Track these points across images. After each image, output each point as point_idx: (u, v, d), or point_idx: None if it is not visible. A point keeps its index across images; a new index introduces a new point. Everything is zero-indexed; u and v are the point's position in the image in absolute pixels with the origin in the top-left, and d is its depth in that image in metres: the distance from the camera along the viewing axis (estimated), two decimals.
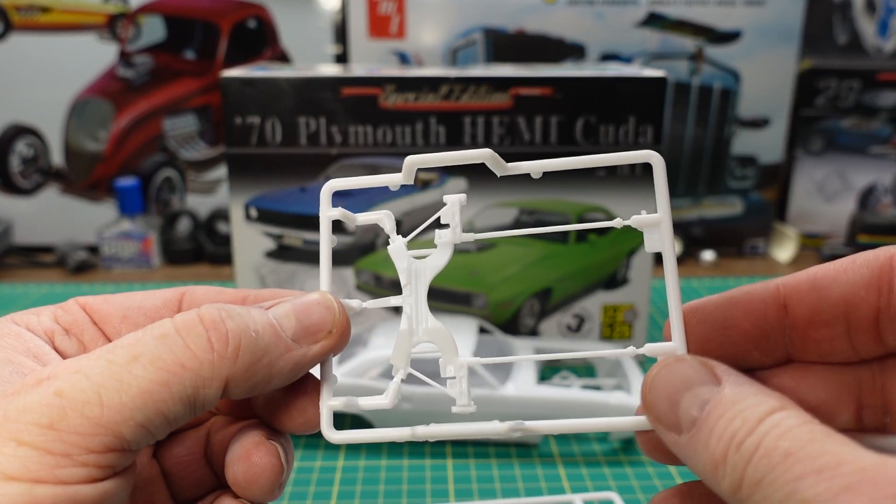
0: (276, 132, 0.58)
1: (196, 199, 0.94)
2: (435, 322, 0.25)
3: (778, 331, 0.23)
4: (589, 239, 0.61)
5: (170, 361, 0.21)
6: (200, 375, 0.21)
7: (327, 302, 0.24)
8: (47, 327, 0.25)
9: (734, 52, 0.86)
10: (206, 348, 0.21)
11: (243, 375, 0.22)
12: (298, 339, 0.23)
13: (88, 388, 0.20)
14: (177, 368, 0.21)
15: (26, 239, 0.93)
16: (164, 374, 0.21)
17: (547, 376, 0.59)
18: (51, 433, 0.19)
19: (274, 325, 0.23)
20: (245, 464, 0.24)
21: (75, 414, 0.19)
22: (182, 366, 0.21)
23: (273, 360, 0.23)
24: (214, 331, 0.22)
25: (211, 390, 0.22)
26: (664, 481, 0.48)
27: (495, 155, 0.24)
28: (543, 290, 0.62)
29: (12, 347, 0.23)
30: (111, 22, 0.89)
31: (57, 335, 0.25)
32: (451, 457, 0.51)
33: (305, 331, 0.24)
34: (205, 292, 0.27)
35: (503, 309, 0.61)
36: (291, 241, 0.61)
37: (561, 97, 0.57)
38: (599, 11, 0.85)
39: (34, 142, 0.92)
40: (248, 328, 0.22)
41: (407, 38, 0.86)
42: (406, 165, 0.25)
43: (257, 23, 0.90)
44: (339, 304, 0.25)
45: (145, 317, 0.26)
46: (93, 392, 0.20)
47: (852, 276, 0.22)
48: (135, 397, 0.20)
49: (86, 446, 0.19)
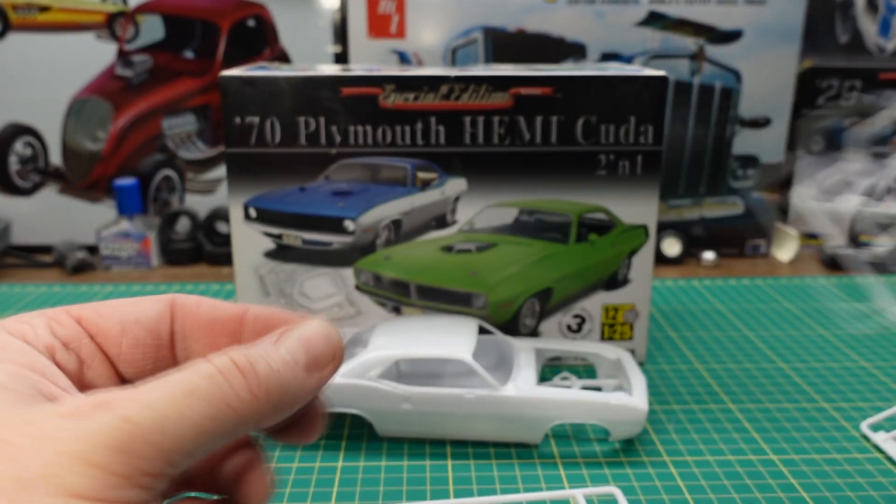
0: (276, 132, 0.57)
1: (195, 199, 0.94)
2: None
3: None
4: (589, 239, 0.61)
5: (219, 399, 0.23)
6: (242, 414, 0.23)
7: (327, 330, 0.27)
8: (46, 341, 0.25)
9: (735, 52, 0.86)
10: (245, 389, 0.23)
11: (274, 413, 0.24)
12: (310, 370, 0.26)
13: (154, 417, 0.21)
14: (224, 407, 0.23)
15: (24, 239, 0.93)
16: (214, 410, 0.22)
17: (547, 377, 0.59)
18: (120, 456, 0.20)
19: (289, 361, 0.25)
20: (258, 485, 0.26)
21: (141, 440, 0.21)
22: (228, 405, 0.23)
23: (295, 394, 0.25)
24: (249, 375, 0.24)
25: (247, 427, 0.24)
26: (665, 482, 0.48)
27: None
28: (544, 290, 0.61)
29: (19, 362, 0.24)
30: (110, 21, 0.89)
31: (57, 350, 0.26)
32: (451, 457, 0.51)
33: (314, 361, 0.26)
34: (196, 305, 0.28)
35: (503, 309, 0.61)
36: (291, 240, 0.60)
37: (561, 97, 0.57)
38: (600, 11, 0.84)
39: (32, 141, 0.92)
40: (272, 370, 0.24)
41: (407, 38, 0.85)
42: None
43: (257, 22, 0.90)
44: (337, 331, 0.27)
45: (145, 331, 0.28)
46: (157, 421, 0.21)
47: None
48: (191, 429, 0.22)
49: (145, 470, 0.21)
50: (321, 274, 0.61)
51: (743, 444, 0.52)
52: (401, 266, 0.60)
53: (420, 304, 0.62)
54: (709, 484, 0.48)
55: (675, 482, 0.48)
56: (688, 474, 0.49)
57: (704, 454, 0.51)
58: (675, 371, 0.63)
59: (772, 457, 0.50)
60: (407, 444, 0.52)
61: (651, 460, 0.50)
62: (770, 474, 0.49)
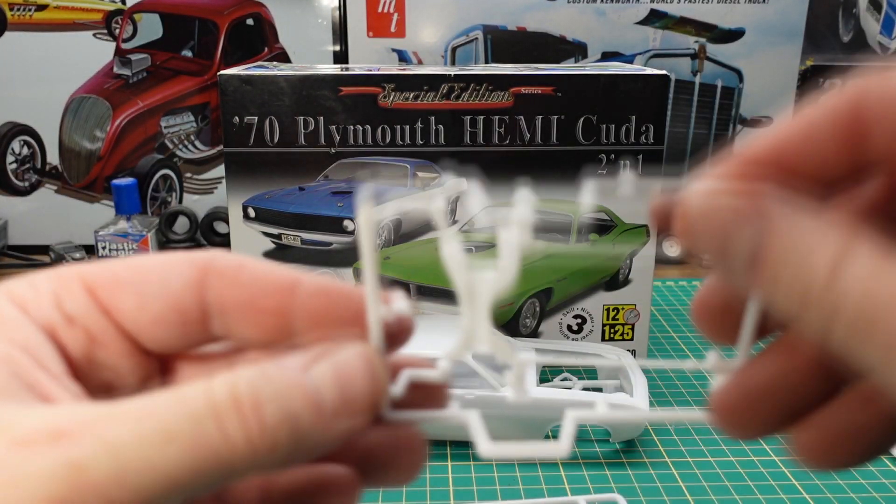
0: (275, 131, 0.57)
1: (194, 199, 0.94)
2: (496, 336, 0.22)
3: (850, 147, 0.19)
4: (590, 239, 0.60)
5: (205, 448, 0.19)
6: (233, 467, 0.19)
7: (372, 366, 0.21)
8: (47, 317, 0.22)
9: (737, 50, 0.86)
10: (243, 440, 0.19)
11: (281, 465, 0.20)
12: (339, 415, 0.20)
13: (113, 467, 0.18)
14: (211, 457, 0.19)
15: (22, 239, 0.93)
16: (196, 462, 0.18)
17: (548, 377, 0.59)
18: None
19: (315, 401, 0.20)
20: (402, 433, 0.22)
21: (93, 493, 0.17)
22: (216, 456, 0.19)
23: (312, 445, 0.20)
24: (254, 420, 0.19)
25: (240, 479, 0.20)
26: (666, 483, 0.47)
27: None
28: (544, 290, 0.61)
29: (9, 339, 0.21)
30: (107, 19, 0.88)
31: (59, 327, 0.22)
32: (451, 458, 0.50)
33: (346, 405, 0.21)
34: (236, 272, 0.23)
35: (503, 309, 0.61)
36: (290, 240, 0.60)
37: (562, 96, 0.57)
38: (601, 9, 0.84)
39: (30, 141, 0.91)
40: (288, 414, 0.20)
41: (406, 37, 0.85)
42: None
43: (256, 21, 0.90)
44: (383, 366, 0.22)
45: (167, 307, 0.23)
46: (117, 472, 0.18)
47: None
48: (160, 482, 0.18)
49: None
50: (321, 274, 0.61)
51: (744, 444, 0.52)
52: (401, 266, 0.60)
53: (420, 304, 0.61)
54: (710, 485, 0.47)
55: (677, 483, 0.47)
56: (689, 475, 0.48)
57: (706, 455, 0.51)
58: (675, 371, 0.63)
59: (773, 458, 0.50)
60: None
61: (652, 461, 0.50)
62: (772, 475, 0.48)
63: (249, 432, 0.19)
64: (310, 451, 0.20)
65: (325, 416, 0.20)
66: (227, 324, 0.23)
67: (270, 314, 0.22)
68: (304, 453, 0.20)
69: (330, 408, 0.20)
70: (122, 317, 0.23)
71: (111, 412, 0.19)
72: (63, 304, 0.22)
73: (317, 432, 0.20)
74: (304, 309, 0.22)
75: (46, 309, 0.22)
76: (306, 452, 0.20)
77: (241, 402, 0.19)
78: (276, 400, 0.19)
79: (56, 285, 0.22)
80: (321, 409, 0.20)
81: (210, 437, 0.19)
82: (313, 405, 0.20)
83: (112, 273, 0.23)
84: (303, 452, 0.20)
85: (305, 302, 0.22)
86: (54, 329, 0.22)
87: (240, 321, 0.23)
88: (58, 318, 0.22)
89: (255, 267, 0.23)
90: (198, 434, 0.18)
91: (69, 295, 0.22)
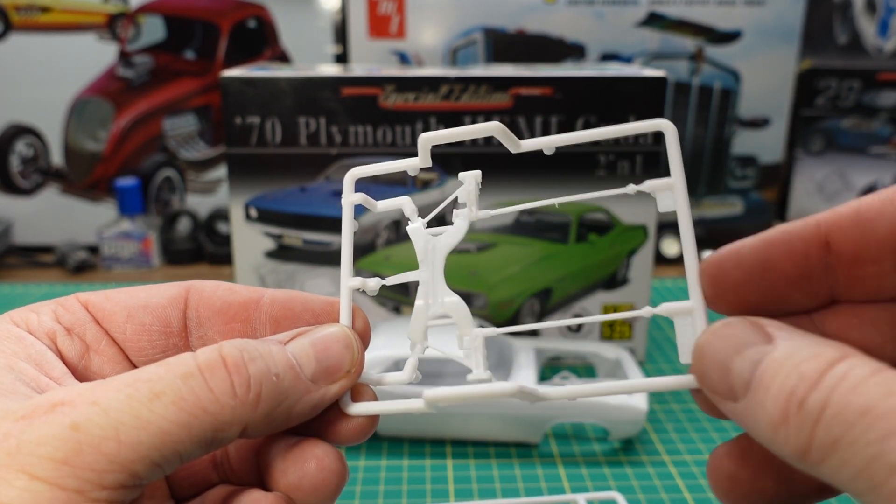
0: (276, 132, 0.58)
1: (196, 199, 0.94)
2: (451, 295, 0.25)
3: (820, 270, 0.22)
4: (589, 239, 0.61)
5: (192, 403, 0.20)
6: (221, 420, 0.21)
7: (346, 339, 0.24)
8: (48, 328, 0.24)
9: (734, 52, 0.86)
10: (228, 393, 0.21)
11: (263, 420, 0.22)
12: (317, 380, 0.23)
13: (106, 424, 0.19)
14: (198, 411, 0.20)
15: (26, 239, 0.93)
16: (184, 415, 0.20)
17: (547, 376, 0.59)
18: (65, 468, 0.19)
19: (294, 366, 0.22)
20: (312, 467, 0.23)
21: (91, 450, 0.19)
22: (204, 409, 0.20)
23: (292, 403, 0.22)
24: (237, 375, 0.21)
25: (229, 434, 0.21)
26: (664, 481, 0.48)
27: (506, 129, 0.24)
28: (543, 290, 0.62)
29: (13, 353, 0.22)
30: (111, 22, 0.89)
31: (59, 336, 0.24)
32: (451, 457, 0.51)
33: (324, 371, 0.23)
34: (213, 290, 0.26)
35: (503, 309, 0.61)
36: (291, 241, 0.61)
37: (561, 97, 0.57)
38: (599, 11, 0.84)
39: (34, 142, 0.92)
40: (270, 372, 0.22)
41: (407, 38, 0.86)
42: (420, 144, 0.25)
43: (257, 23, 0.90)
44: (358, 342, 0.24)
45: (151, 316, 0.25)
46: (111, 428, 0.19)
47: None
48: (153, 436, 0.20)
49: (99, 483, 0.19)
50: (322, 274, 0.61)
51: None
52: (401, 266, 0.61)
53: None
54: (708, 483, 0.48)
55: (675, 481, 0.48)
56: (687, 473, 0.49)
57: (703, 453, 0.51)
58: (674, 371, 0.63)
59: None
60: (407, 443, 0.52)
61: (650, 459, 0.50)
62: None
63: (235, 385, 0.21)
64: (289, 409, 0.22)
65: (302, 380, 0.22)
66: (202, 336, 0.26)
67: (238, 321, 0.25)
68: (284, 412, 0.22)
69: (309, 373, 0.23)
70: (113, 327, 0.25)
71: (103, 383, 0.21)
72: (61, 318, 0.25)
73: (296, 392, 0.22)
74: (267, 314, 0.25)
75: (46, 323, 0.24)
76: (286, 411, 0.22)
77: (229, 359, 0.21)
78: (259, 358, 0.22)
79: (55, 305, 0.25)
80: (299, 374, 0.22)
81: (195, 391, 0.20)
82: (291, 370, 0.22)
83: (104, 293, 0.26)
84: (283, 411, 0.22)
85: (268, 309, 0.25)
86: (55, 338, 0.24)
87: (212, 330, 0.26)
88: (58, 329, 0.24)
89: (228, 286, 0.26)
90: (185, 390, 0.20)
91: (66, 309, 0.25)
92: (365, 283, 0.26)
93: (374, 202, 0.27)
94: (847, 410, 0.16)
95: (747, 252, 0.22)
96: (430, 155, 0.25)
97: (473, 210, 0.25)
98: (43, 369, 0.23)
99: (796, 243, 0.21)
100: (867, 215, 0.21)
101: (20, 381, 0.21)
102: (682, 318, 0.23)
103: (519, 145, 0.25)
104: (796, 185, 0.94)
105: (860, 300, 0.22)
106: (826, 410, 0.17)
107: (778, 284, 0.22)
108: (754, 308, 0.22)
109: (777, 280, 0.22)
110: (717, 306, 0.22)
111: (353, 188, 0.27)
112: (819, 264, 0.22)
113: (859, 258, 0.21)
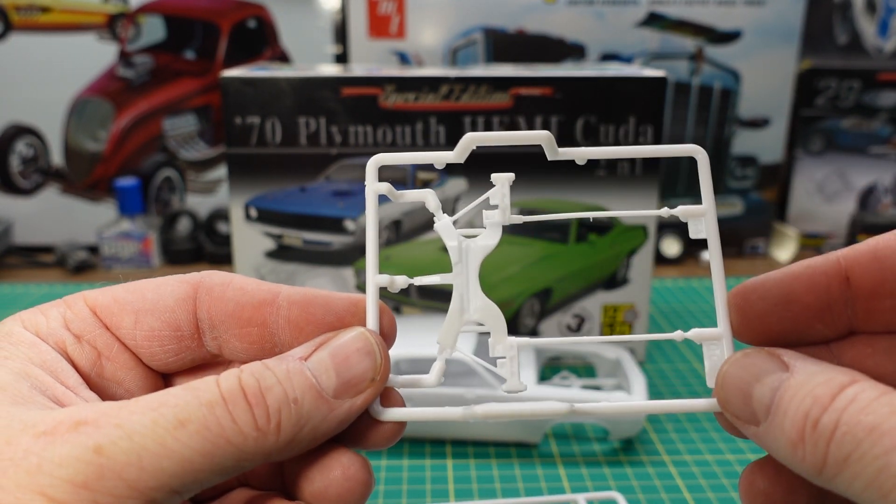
0: (276, 132, 0.58)
1: (196, 199, 0.94)
2: (486, 301, 0.25)
3: (841, 303, 0.23)
4: (589, 239, 0.61)
5: (216, 434, 0.20)
6: (244, 451, 0.20)
7: (367, 346, 0.23)
8: (58, 337, 0.24)
9: (734, 52, 0.86)
10: (250, 424, 0.20)
11: (286, 447, 0.21)
12: (340, 395, 0.22)
13: (130, 449, 0.19)
14: (222, 441, 0.20)
15: (26, 239, 0.93)
16: (209, 445, 0.20)
17: (547, 376, 0.59)
18: (84, 493, 0.18)
19: (313, 385, 0.22)
20: (338, 475, 0.22)
21: (113, 476, 0.19)
22: (228, 441, 0.20)
23: (316, 425, 0.21)
24: (257, 406, 0.21)
25: (251, 464, 0.21)
26: (664, 481, 0.48)
27: (552, 138, 0.24)
28: (543, 290, 0.62)
29: (28, 358, 0.22)
30: (111, 22, 0.89)
31: (69, 344, 0.24)
32: (451, 457, 0.51)
33: (346, 385, 0.22)
34: (223, 289, 0.25)
35: (503, 309, 0.61)
36: (291, 241, 0.61)
37: (561, 97, 0.57)
38: (599, 11, 0.84)
39: (34, 142, 0.92)
40: (288, 399, 0.21)
41: (407, 38, 0.86)
42: (464, 142, 0.24)
43: (257, 23, 0.90)
44: (382, 346, 0.23)
45: (159, 321, 0.24)
46: (134, 454, 0.19)
47: None
48: (175, 465, 0.19)
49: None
50: (321, 274, 0.61)
51: (741, 443, 0.52)
52: (401, 266, 0.61)
53: (420, 304, 0.62)
54: (708, 483, 0.48)
55: (674, 481, 0.48)
56: (687, 473, 0.49)
57: (703, 453, 0.51)
58: (674, 371, 0.63)
59: None
60: (407, 444, 0.52)
61: (650, 459, 0.50)
62: None
63: (257, 418, 0.20)
64: (314, 431, 0.21)
65: (324, 399, 0.22)
66: (217, 338, 0.25)
67: (254, 325, 0.24)
68: (308, 435, 0.21)
69: (330, 390, 0.22)
70: (122, 333, 0.24)
71: (128, 404, 0.20)
72: (70, 324, 0.24)
73: (319, 413, 0.21)
74: (285, 318, 0.24)
75: (57, 330, 0.24)
76: (311, 433, 0.21)
77: (248, 390, 0.21)
78: (276, 386, 0.21)
79: (63, 309, 0.24)
80: (320, 393, 0.22)
81: (220, 421, 0.20)
82: (311, 390, 0.21)
83: (112, 294, 0.25)
84: (307, 434, 0.21)
85: (285, 311, 0.24)
86: (65, 347, 0.24)
87: (228, 334, 0.25)
88: (67, 337, 0.24)
89: (240, 282, 0.25)
90: (209, 420, 0.20)
91: (75, 316, 0.24)
92: (393, 280, 0.25)
93: (398, 192, 0.25)
94: (856, 429, 0.18)
95: (772, 284, 0.23)
96: (468, 154, 0.25)
97: (507, 214, 0.25)
98: (58, 377, 0.22)
99: (818, 277, 0.23)
100: (884, 252, 0.22)
101: (36, 390, 0.21)
102: (710, 344, 0.24)
103: (557, 153, 0.25)
104: (796, 185, 0.94)
105: (877, 332, 0.23)
106: (838, 429, 0.18)
107: (800, 315, 0.23)
108: (778, 337, 0.23)
109: (800, 311, 0.23)
110: (742, 335, 0.24)
111: (377, 176, 0.25)
112: (839, 298, 0.23)
113: (877, 292, 0.23)
